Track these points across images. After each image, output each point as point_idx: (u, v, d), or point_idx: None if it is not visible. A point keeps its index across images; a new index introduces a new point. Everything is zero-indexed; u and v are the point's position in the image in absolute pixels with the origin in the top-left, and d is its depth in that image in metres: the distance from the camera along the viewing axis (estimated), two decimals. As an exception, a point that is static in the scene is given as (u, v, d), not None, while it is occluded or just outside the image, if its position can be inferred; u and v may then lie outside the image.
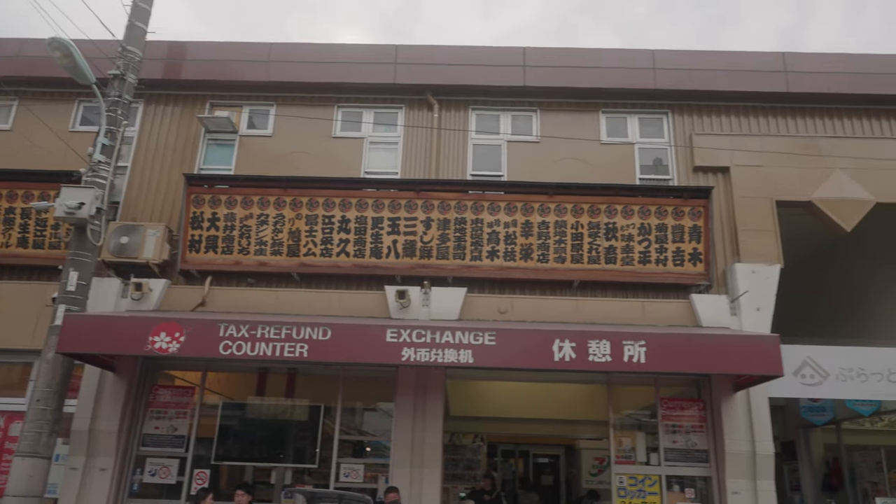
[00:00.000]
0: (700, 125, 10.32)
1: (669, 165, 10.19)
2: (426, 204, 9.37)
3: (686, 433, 8.97)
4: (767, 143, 10.02)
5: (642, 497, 8.61)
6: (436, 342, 7.47)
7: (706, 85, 10.23)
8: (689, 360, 7.64)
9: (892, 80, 10.22)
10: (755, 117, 10.35)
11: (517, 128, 10.47)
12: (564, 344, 7.41)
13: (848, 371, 9.34)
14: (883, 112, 10.36)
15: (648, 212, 9.33)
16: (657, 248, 9.26)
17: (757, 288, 9.09)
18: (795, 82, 10.24)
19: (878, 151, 9.92)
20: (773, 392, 8.81)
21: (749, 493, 8.36)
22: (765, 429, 8.59)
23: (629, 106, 10.48)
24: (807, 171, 9.80)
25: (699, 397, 9.10)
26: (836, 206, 9.62)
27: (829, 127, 10.30)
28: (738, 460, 8.45)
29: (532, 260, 9.24)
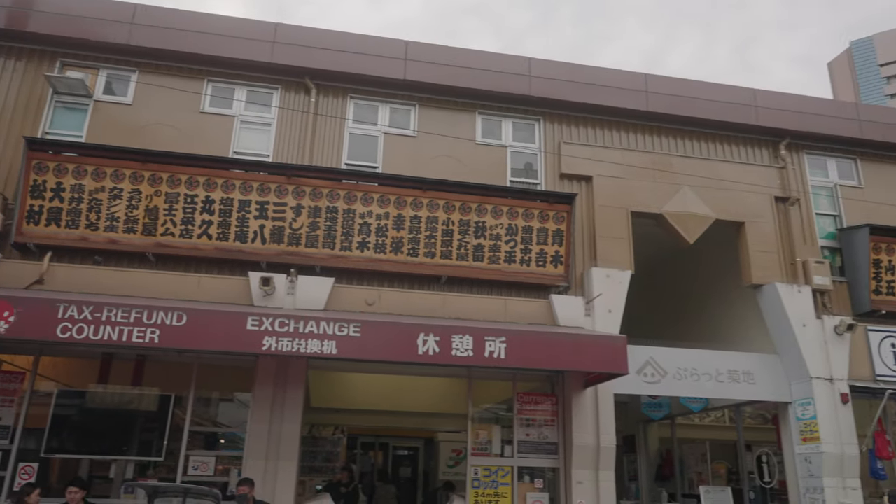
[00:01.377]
0: (569, 134, 10.85)
1: (538, 170, 10.62)
2: (298, 190, 9.11)
3: (539, 427, 9.41)
4: (627, 156, 10.73)
5: (495, 487, 8.93)
6: (299, 332, 7.30)
7: (576, 97, 10.77)
8: (546, 356, 8.03)
9: (730, 108, 11.28)
10: (618, 131, 11.04)
11: (395, 120, 10.46)
12: (429, 338, 7.51)
13: (683, 371, 10.23)
14: (723, 137, 11.41)
15: (517, 213, 9.67)
16: (522, 249, 9.62)
17: (610, 291, 9.71)
18: (654, 102, 11.04)
19: (718, 172, 10.92)
20: (618, 389, 9.46)
21: (591, 483, 8.93)
22: (609, 423, 9.21)
23: (504, 109, 10.79)
24: (659, 186, 10.61)
25: (552, 393, 9.58)
26: (682, 220, 10.49)
27: (681, 146, 11.20)
28: (584, 452, 9.00)
29: (402, 253, 9.27)
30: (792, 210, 11.08)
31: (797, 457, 10.08)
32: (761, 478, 11.30)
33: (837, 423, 9.77)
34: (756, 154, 11.44)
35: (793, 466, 10.20)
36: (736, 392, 10.42)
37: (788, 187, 11.15)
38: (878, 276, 10.67)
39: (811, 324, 10.26)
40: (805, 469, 9.92)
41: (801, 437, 10.03)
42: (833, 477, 9.57)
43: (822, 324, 10.31)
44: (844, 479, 9.60)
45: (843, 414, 9.86)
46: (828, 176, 11.74)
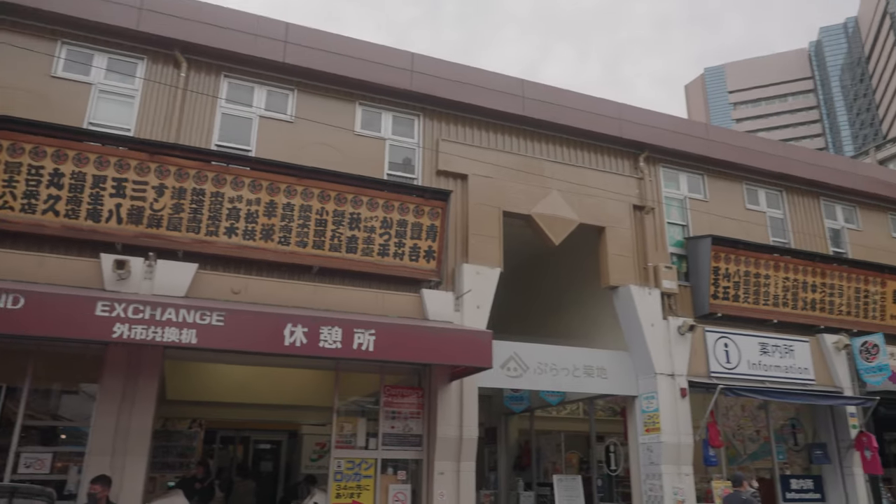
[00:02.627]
0: (447, 132, 11.01)
1: (416, 166, 10.69)
2: (161, 169, 8.56)
3: (405, 419, 9.50)
4: (502, 158, 11.08)
5: (357, 480, 8.91)
6: (156, 319, 6.87)
7: (457, 96, 10.95)
8: (414, 350, 8.12)
9: (598, 119, 11.97)
10: (494, 133, 11.36)
11: (272, 104, 10.11)
12: (296, 329, 7.34)
13: (544, 366, 10.74)
14: (590, 146, 12.09)
15: (392, 207, 9.69)
16: (396, 243, 9.65)
17: (479, 287, 9.99)
18: (530, 108, 11.47)
19: (584, 179, 11.56)
20: (482, 382, 9.76)
21: (453, 474, 9.15)
22: (472, 416, 9.48)
23: (385, 102, 10.76)
24: (530, 188, 11.05)
25: (419, 386, 9.71)
26: (550, 222, 10.99)
27: (552, 152, 11.72)
28: (447, 444, 9.20)
29: (273, 241, 8.99)
30: (647, 218, 11.95)
31: (640, 446, 10.91)
32: (609, 466, 12.13)
33: (676, 415, 10.68)
34: (618, 164, 12.22)
35: (636, 455, 11.02)
36: (590, 386, 11.10)
37: (645, 197, 12.02)
38: (717, 282, 11.77)
39: (658, 324, 11.14)
40: (647, 457, 10.76)
41: (645, 428, 10.87)
42: (670, 464, 10.46)
43: (667, 324, 11.22)
44: (680, 466, 10.52)
45: (682, 407, 10.79)
46: (679, 188, 12.77)
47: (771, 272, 12.29)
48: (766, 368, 11.82)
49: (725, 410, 13.22)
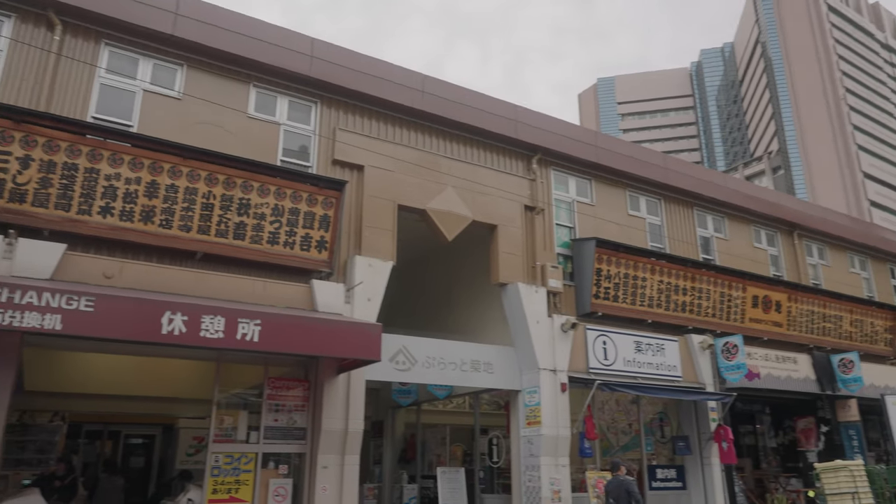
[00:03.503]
0: (345, 121, 10.84)
1: (311, 153, 10.45)
2: (28, 139, 7.84)
3: (289, 412, 9.27)
4: (399, 151, 11.05)
5: (236, 475, 8.60)
6: (14, 303, 6.30)
7: (357, 85, 10.80)
8: (301, 341, 7.95)
9: (495, 120, 12.23)
10: (393, 125, 11.31)
11: (158, 78, 9.52)
12: (175, 317, 6.98)
13: (432, 360, 10.84)
14: (487, 145, 12.32)
15: (285, 194, 9.41)
16: (287, 231, 9.39)
17: (371, 280, 9.92)
18: (430, 103, 11.51)
19: (479, 177, 11.77)
20: (370, 375, 9.71)
21: (336, 467, 9.05)
22: (359, 409, 9.41)
23: (282, 86, 10.43)
24: (427, 184, 11.10)
25: (305, 378, 9.51)
26: (444, 218, 11.10)
27: (449, 148, 11.83)
28: (332, 437, 9.08)
29: (153, 224, 8.48)
30: (537, 219, 12.34)
31: (522, 439, 11.28)
32: (491, 458, 12.44)
33: (556, 409, 11.12)
34: (512, 164, 12.53)
35: (517, 448, 11.38)
36: (477, 380, 11.33)
37: (536, 198, 12.40)
38: (599, 283, 12.35)
39: (543, 321, 11.54)
40: (527, 450, 11.13)
41: (527, 421, 11.24)
42: (549, 456, 10.88)
43: (552, 322, 11.65)
44: (557, 458, 10.97)
45: (562, 401, 11.25)
46: (568, 192, 13.29)
47: (648, 275, 13.06)
48: (639, 365, 12.56)
49: (601, 404, 13.92)
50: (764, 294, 14.87)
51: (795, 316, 15.47)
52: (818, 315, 15.94)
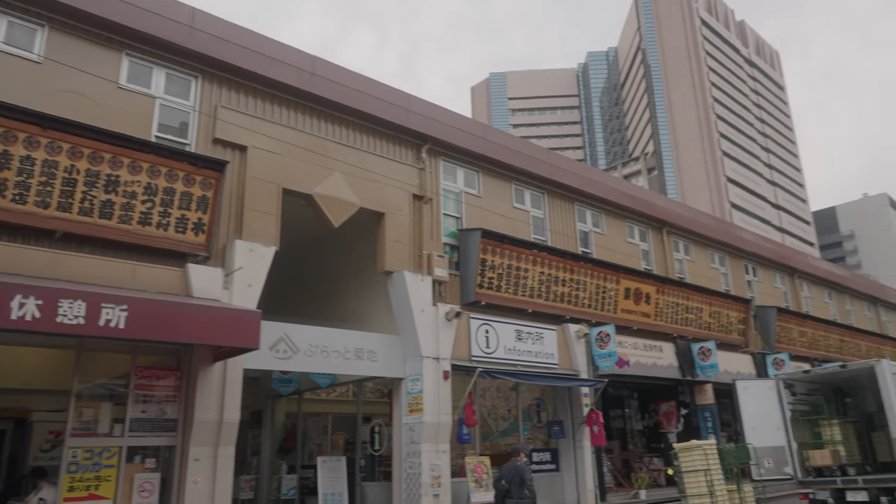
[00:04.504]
0: (228, 99, 10.35)
1: (190, 130, 9.90)
2: None
3: (158, 403, 8.78)
4: (286, 133, 10.71)
5: (97, 470, 8.03)
6: None
7: (242, 62, 10.33)
8: (173, 328, 7.51)
9: (387, 107, 12.15)
10: (280, 107, 10.94)
11: (14, 38, 8.62)
12: (28, 301, 6.38)
13: (314, 348, 10.64)
14: (377, 132, 12.21)
15: (159, 172, 8.85)
16: (161, 212, 8.85)
17: (252, 265, 9.57)
18: (320, 86, 11.24)
19: (368, 164, 11.65)
20: (249, 364, 9.38)
21: (209, 460, 8.68)
22: (235, 398, 9.06)
23: (158, 57, 9.78)
24: (314, 168, 10.84)
25: (178, 367, 9.04)
26: (331, 204, 10.90)
27: (338, 133, 11.61)
28: (205, 429, 8.69)
29: (5, 199, 7.70)
30: (425, 208, 12.41)
31: (403, 426, 11.34)
32: (373, 446, 12.43)
33: (438, 397, 11.27)
34: (402, 153, 12.51)
35: (399, 435, 11.44)
36: (360, 368, 11.25)
37: (424, 187, 12.46)
38: (483, 273, 12.62)
39: (428, 310, 11.64)
40: (409, 437, 11.21)
41: (409, 408, 11.32)
42: (430, 443, 11.02)
43: (436, 310, 11.77)
44: (438, 445, 11.13)
45: (444, 388, 11.42)
46: (456, 182, 13.46)
47: (530, 266, 13.50)
48: (519, 353, 12.98)
49: (483, 391, 14.28)
50: (635, 286, 15.81)
51: (662, 307, 16.58)
52: (682, 307, 17.18)
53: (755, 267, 22.34)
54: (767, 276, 22.89)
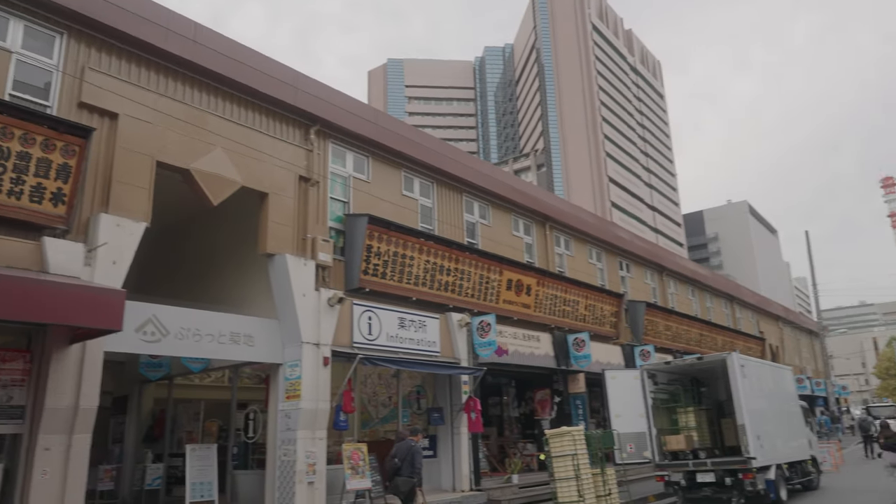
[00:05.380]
0: (98, 61, 9.56)
1: (52, 92, 9.06)
2: None
3: (4, 387, 8.01)
4: (163, 103, 10.06)
5: (-75, 462, 7.23)
6: None
7: (113, 21, 9.56)
8: (24, 307, 6.87)
9: (275, 84, 11.73)
10: (157, 73, 10.25)
11: None
12: None
13: (187, 331, 10.12)
14: (264, 109, 11.75)
15: (12, 135, 8.03)
16: (14, 179, 8.04)
17: (118, 241, 8.93)
18: (203, 55, 10.63)
19: (253, 141, 11.20)
20: (112, 347, 8.76)
21: (61, 449, 8.04)
22: (93, 383, 8.44)
23: (15, 7, 8.86)
24: (192, 142, 10.27)
25: (28, 348, 8.29)
26: (210, 180, 10.37)
27: (221, 107, 11.06)
28: (58, 415, 8.04)
29: None
30: (311, 190, 12.11)
31: (280, 413, 11.06)
32: (247, 433, 12.05)
33: (317, 383, 11.08)
34: (289, 132, 12.12)
35: (275, 422, 11.14)
36: (236, 353, 10.83)
37: (311, 169, 12.15)
38: (369, 259, 12.52)
39: (310, 294, 11.39)
40: (284, 424, 10.95)
41: (286, 395, 11.05)
42: (306, 430, 10.81)
43: (319, 295, 11.55)
44: (315, 431, 10.95)
45: (323, 375, 11.24)
46: (345, 166, 13.23)
47: (416, 254, 13.55)
48: (402, 341, 13.02)
49: (364, 378, 14.21)
50: (517, 278, 16.30)
51: (542, 299, 17.21)
52: (560, 299, 17.91)
53: (629, 263, 23.70)
54: (639, 272, 24.36)
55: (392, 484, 10.06)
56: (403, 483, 9.89)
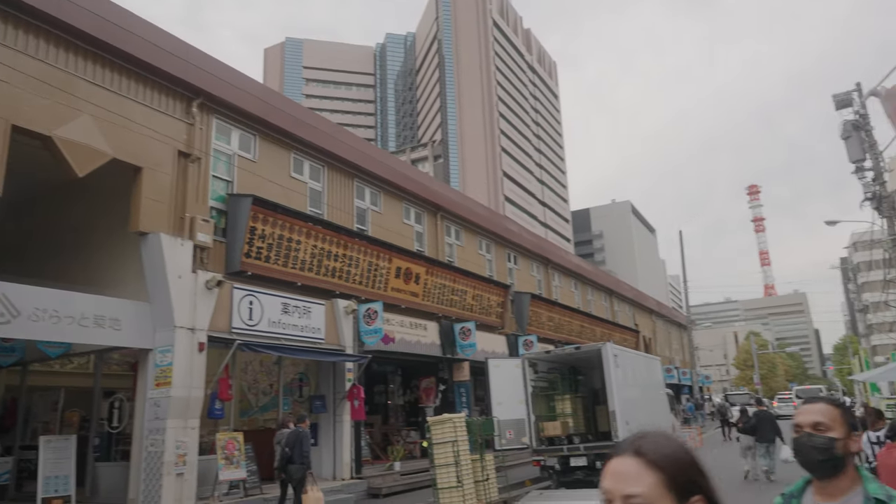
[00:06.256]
0: (-57, 8, 8.54)
1: None
2: None
3: None
4: (22, 61, 9.15)
5: None
6: None
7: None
8: None
9: (157, 52, 10.98)
10: (15, 28, 9.28)
11: None
12: None
13: (42, 312, 9.29)
14: (142, 77, 10.96)
15: None
16: None
17: (-38, 212, 8.05)
18: (69, 12, 9.75)
19: (127, 111, 10.44)
20: (-50, 328, 7.89)
21: None
22: (-73, 368, 7.58)
23: None
24: (56, 106, 9.42)
25: None
26: (75, 150, 9.56)
27: (91, 71, 10.20)
28: None
29: None
30: (192, 167, 11.47)
31: (148, 401, 10.43)
32: (111, 423, 11.29)
33: (191, 370, 10.54)
34: (170, 104, 11.39)
35: (142, 411, 10.50)
36: (100, 337, 10.08)
37: (193, 145, 11.51)
38: (252, 242, 12.04)
39: (186, 276, 10.81)
40: (153, 412, 10.33)
41: (156, 382, 10.43)
42: (177, 418, 10.27)
43: (196, 277, 10.98)
44: (186, 420, 10.42)
45: (198, 361, 10.71)
46: (230, 144, 12.64)
47: (303, 239, 13.18)
48: (285, 327, 12.64)
49: (245, 366, 13.72)
50: (406, 266, 16.28)
51: (430, 288, 17.31)
52: (448, 288, 18.10)
53: (517, 256, 24.34)
54: (526, 264, 25.09)
55: (286, 472, 10.06)
56: (296, 470, 9.96)
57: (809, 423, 1.96)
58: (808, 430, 1.95)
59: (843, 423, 1.94)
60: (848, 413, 1.99)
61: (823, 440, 1.91)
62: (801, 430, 1.98)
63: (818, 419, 1.95)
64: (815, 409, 1.99)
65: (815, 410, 1.98)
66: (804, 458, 1.95)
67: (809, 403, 2.04)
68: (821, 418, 1.94)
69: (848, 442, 1.92)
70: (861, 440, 10.42)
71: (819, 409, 1.98)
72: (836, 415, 1.95)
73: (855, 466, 1.94)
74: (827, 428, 1.92)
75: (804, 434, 1.96)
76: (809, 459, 1.93)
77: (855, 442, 1.94)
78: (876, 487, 1.85)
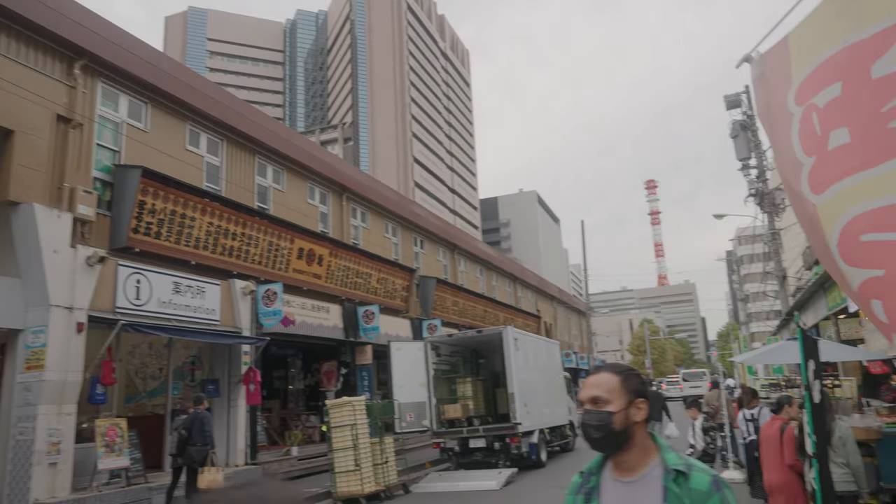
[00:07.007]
0: None
1: None
2: None
3: None
4: None
5: None
6: None
7: None
8: None
9: (34, 4, 10.02)
10: None
11: None
12: None
13: None
14: (16, 32, 9.99)
15: None
16: None
17: None
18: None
19: None
20: None
21: None
22: None
23: None
24: None
25: None
26: (-68, 107, 8.58)
27: (-47, 21, 9.19)
28: None
29: None
30: (73, 133, 10.60)
31: (17, 386, 9.59)
32: (-26, 410, 10.30)
33: (68, 352, 9.79)
34: (47, 63, 10.45)
35: (10, 396, 9.65)
36: (-40, 316, 9.17)
37: (74, 109, 10.62)
38: (141, 217, 11.29)
39: (64, 251, 9.99)
40: (23, 398, 9.52)
41: (27, 365, 9.61)
42: (51, 404, 9.51)
43: (75, 253, 10.17)
44: (62, 406, 9.68)
45: (76, 342, 9.96)
46: (118, 111, 11.78)
47: (198, 215, 12.51)
48: (175, 307, 11.98)
49: (132, 348, 12.94)
50: (309, 247, 15.86)
51: (334, 270, 16.96)
52: (353, 271, 17.81)
53: (423, 240, 24.33)
54: (433, 249, 25.13)
55: (185, 455, 9.80)
56: (198, 452, 9.76)
57: (588, 398, 1.82)
58: (588, 405, 1.82)
59: (623, 392, 1.80)
60: (632, 379, 1.83)
61: (599, 415, 1.78)
62: (583, 407, 1.85)
63: (594, 393, 1.81)
64: (594, 381, 1.84)
65: (593, 384, 1.84)
66: (585, 434, 1.83)
67: (593, 374, 1.88)
68: (597, 392, 1.81)
69: (629, 412, 1.78)
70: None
71: (597, 380, 1.84)
72: (614, 385, 1.81)
73: (651, 436, 1.82)
74: (604, 402, 1.79)
75: (584, 410, 1.83)
76: (588, 436, 1.81)
77: (640, 410, 1.80)
78: (675, 458, 1.75)
